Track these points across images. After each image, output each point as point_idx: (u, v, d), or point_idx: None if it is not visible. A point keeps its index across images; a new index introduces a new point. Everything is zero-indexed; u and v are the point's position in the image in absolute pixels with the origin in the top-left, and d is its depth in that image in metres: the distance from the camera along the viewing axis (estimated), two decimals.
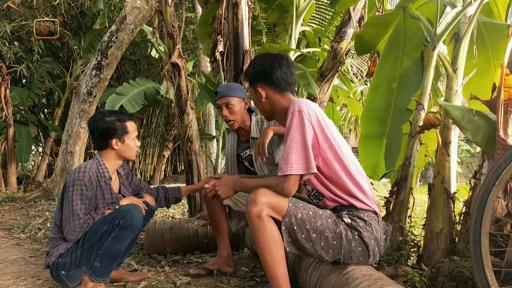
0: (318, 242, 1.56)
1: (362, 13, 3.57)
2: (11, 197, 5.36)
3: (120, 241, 1.97)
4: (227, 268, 2.33)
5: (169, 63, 3.38)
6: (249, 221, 1.55)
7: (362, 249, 1.57)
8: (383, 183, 9.57)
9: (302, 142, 1.54)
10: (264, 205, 1.52)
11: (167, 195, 2.39)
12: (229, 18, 3.23)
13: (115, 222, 1.93)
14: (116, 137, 2.07)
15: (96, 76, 5.70)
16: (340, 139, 1.66)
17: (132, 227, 1.96)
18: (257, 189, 1.57)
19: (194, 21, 8.23)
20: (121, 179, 2.25)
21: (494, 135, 2.01)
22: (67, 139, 5.78)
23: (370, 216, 1.61)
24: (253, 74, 1.77)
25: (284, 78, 1.73)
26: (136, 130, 2.18)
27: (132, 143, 2.13)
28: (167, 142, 8.66)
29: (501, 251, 1.93)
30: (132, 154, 2.15)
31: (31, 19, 6.84)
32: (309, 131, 1.55)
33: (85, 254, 1.95)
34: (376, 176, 2.83)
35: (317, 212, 1.59)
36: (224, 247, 2.37)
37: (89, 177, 1.99)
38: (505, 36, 2.49)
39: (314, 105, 1.64)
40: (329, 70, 3.50)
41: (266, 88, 1.74)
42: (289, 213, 1.55)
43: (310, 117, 1.57)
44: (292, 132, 1.56)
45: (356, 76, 8.21)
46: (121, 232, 1.94)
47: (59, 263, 1.96)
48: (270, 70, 1.72)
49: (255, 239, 1.56)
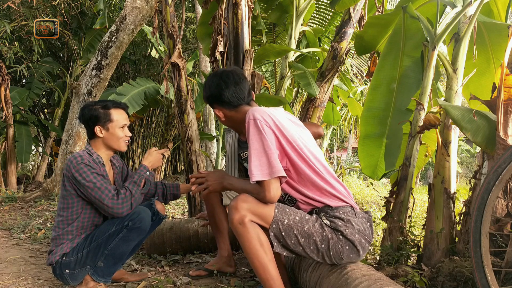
0: (307, 246, 1.58)
1: (362, 13, 3.57)
2: (11, 197, 5.36)
3: (126, 243, 1.97)
4: (228, 268, 2.33)
5: (169, 63, 3.38)
6: (233, 229, 1.56)
7: (349, 247, 1.58)
8: (383, 183, 9.57)
9: (260, 148, 1.55)
10: (245, 211, 1.53)
11: (165, 191, 2.38)
12: (229, 18, 3.22)
13: (124, 223, 1.94)
14: (99, 124, 2.05)
15: (96, 76, 5.70)
16: (303, 139, 1.67)
17: (140, 229, 1.97)
18: (237, 196, 1.58)
19: (194, 21, 8.22)
20: (116, 170, 2.23)
21: (494, 135, 2.01)
22: (67, 139, 5.78)
23: (346, 212, 1.62)
24: (207, 98, 1.84)
25: (234, 95, 1.75)
26: (126, 119, 2.13)
27: (118, 132, 2.08)
28: (167, 142, 8.65)
29: (501, 251, 1.93)
30: (119, 144, 2.10)
31: (31, 19, 6.84)
32: (268, 136, 1.55)
33: (91, 253, 1.95)
34: (375, 176, 2.83)
35: (304, 217, 1.60)
36: (224, 247, 2.37)
37: (88, 159, 1.99)
38: (505, 36, 2.49)
39: (270, 111, 1.65)
40: (329, 70, 3.50)
41: (221, 108, 1.80)
42: (275, 219, 1.56)
43: (267, 122, 1.58)
44: (250, 140, 1.57)
45: (356, 76, 8.20)
46: (128, 234, 1.95)
47: (64, 262, 1.96)
48: (218, 92, 1.76)
49: (241, 245, 1.57)
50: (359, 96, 7.93)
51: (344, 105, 8.89)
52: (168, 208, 5.08)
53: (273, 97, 3.43)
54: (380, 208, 5.20)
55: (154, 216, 2.16)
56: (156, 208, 2.18)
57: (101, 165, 2.05)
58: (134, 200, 1.99)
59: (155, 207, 2.17)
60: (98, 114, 2.06)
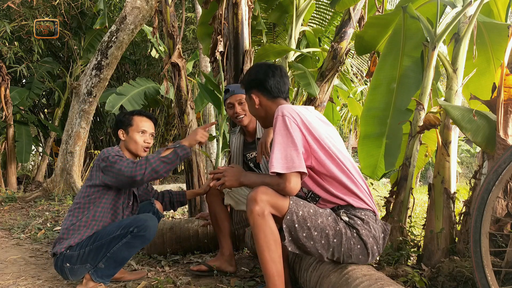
0: (319, 240, 1.57)
1: (362, 13, 3.57)
2: (11, 197, 5.36)
3: (129, 249, 1.97)
4: (228, 267, 2.33)
5: (169, 63, 3.38)
6: (250, 219, 1.56)
7: (360, 247, 1.58)
8: (383, 183, 9.57)
9: (284, 143, 1.57)
10: (265, 203, 1.54)
11: (172, 199, 2.48)
12: (229, 18, 3.22)
13: (129, 229, 1.95)
14: (122, 128, 2.20)
15: (96, 76, 5.70)
16: (332, 138, 1.68)
17: (145, 238, 1.97)
18: (257, 188, 1.59)
19: (194, 21, 8.23)
20: None
21: (494, 135, 2.01)
22: (67, 139, 5.78)
23: (367, 215, 1.62)
24: (248, 82, 1.86)
25: (276, 86, 1.80)
26: (147, 127, 2.22)
27: (137, 137, 2.18)
28: (167, 142, 8.66)
29: (501, 251, 1.93)
30: (137, 148, 2.19)
31: (31, 19, 6.85)
32: (295, 133, 1.57)
33: (93, 252, 1.96)
34: (375, 176, 2.83)
35: (318, 210, 1.60)
36: (226, 246, 2.37)
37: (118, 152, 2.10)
38: (505, 36, 2.49)
39: (299, 109, 1.67)
40: (329, 70, 3.49)
41: (259, 95, 1.82)
42: (290, 210, 1.57)
43: (295, 120, 1.60)
44: (276, 135, 1.60)
45: (356, 76, 8.21)
46: (132, 240, 1.95)
47: (67, 254, 1.97)
48: (264, 78, 1.79)
49: (255, 236, 1.57)
50: (359, 96, 7.94)
51: (344, 105, 8.90)
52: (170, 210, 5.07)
53: None
54: (380, 208, 5.20)
55: (154, 214, 2.23)
56: (156, 207, 2.28)
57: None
58: (149, 164, 1.96)
59: (155, 206, 2.27)
60: (122, 119, 2.22)
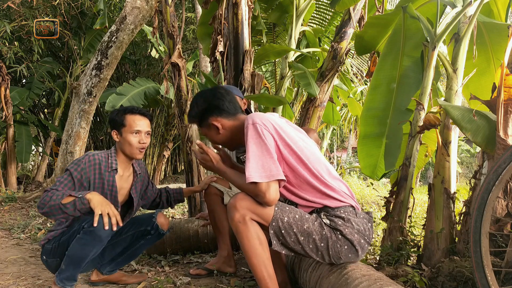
0: (307, 245, 1.58)
1: (362, 13, 3.57)
2: (11, 197, 5.36)
3: (81, 246, 1.81)
4: (228, 268, 2.33)
5: (169, 63, 3.38)
6: (233, 227, 1.57)
7: (348, 246, 1.59)
8: (383, 183, 9.57)
9: (259, 151, 1.54)
10: (245, 209, 1.54)
11: (169, 198, 2.39)
12: (229, 18, 3.22)
13: (82, 224, 1.82)
14: (115, 129, 2.04)
15: (96, 76, 5.70)
16: (302, 142, 1.66)
17: (94, 234, 1.77)
18: (236, 194, 1.59)
19: (194, 21, 8.22)
20: (136, 178, 2.15)
21: (494, 135, 2.01)
22: (67, 139, 5.78)
23: (347, 211, 1.62)
24: (202, 112, 1.76)
25: (231, 103, 1.76)
26: (140, 125, 2.04)
27: (131, 138, 2.01)
28: (167, 142, 8.66)
29: (501, 251, 1.93)
30: (132, 151, 2.03)
31: (31, 19, 6.84)
32: (268, 140, 1.55)
33: (60, 247, 1.90)
34: (375, 176, 2.83)
35: (304, 216, 1.60)
36: (225, 247, 2.37)
37: (88, 161, 1.94)
38: (505, 36, 2.49)
39: (268, 116, 1.65)
40: (329, 70, 3.50)
41: (219, 119, 1.74)
42: (276, 217, 1.57)
43: (267, 127, 1.58)
44: (248, 143, 1.56)
45: (356, 76, 8.20)
46: (84, 236, 1.80)
47: (45, 248, 1.95)
48: (217, 102, 1.74)
49: (240, 243, 1.58)
50: (359, 96, 7.94)
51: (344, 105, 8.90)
52: (168, 208, 5.07)
53: (273, 97, 3.43)
54: (380, 208, 5.20)
55: (152, 230, 2.10)
56: (156, 222, 2.10)
57: (110, 170, 2.00)
58: (48, 205, 1.77)
59: (155, 221, 2.10)
60: (114, 119, 2.04)
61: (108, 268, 2.19)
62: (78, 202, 1.78)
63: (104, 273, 2.19)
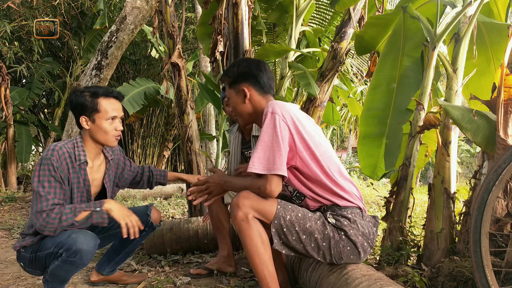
0: (308, 243, 1.58)
1: (362, 13, 3.57)
2: (11, 197, 5.36)
3: (64, 272, 1.70)
4: (228, 268, 2.33)
5: (169, 63, 3.38)
6: (235, 225, 1.56)
7: (350, 247, 1.58)
8: (383, 183, 9.56)
9: (269, 142, 1.54)
10: (248, 208, 1.54)
11: (151, 179, 2.22)
12: (229, 18, 3.22)
13: (59, 251, 1.65)
14: (85, 115, 1.80)
15: (96, 76, 5.70)
16: (318, 138, 1.66)
17: (76, 263, 1.66)
18: (239, 193, 1.59)
19: (194, 21, 8.22)
20: (108, 165, 1.98)
21: (494, 135, 2.01)
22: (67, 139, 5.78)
23: (354, 213, 1.62)
24: (238, 74, 1.75)
25: (268, 82, 1.75)
26: (116, 111, 1.85)
27: (106, 125, 1.81)
28: (167, 142, 8.65)
29: (501, 251, 1.93)
30: (107, 139, 1.84)
31: (31, 19, 6.84)
32: (282, 132, 1.55)
33: (37, 261, 1.75)
34: (375, 176, 2.83)
35: (306, 214, 1.60)
36: (225, 246, 2.37)
37: (58, 156, 1.74)
38: (505, 36, 2.49)
39: (290, 106, 1.64)
40: (329, 70, 3.49)
41: (251, 88, 1.73)
42: (278, 215, 1.56)
43: (285, 118, 1.57)
44: (262, 132, 1.57)
45: (356, 76, 8.21)
46: (63, 265, 1.66)
47: (21, 254, 1.79)
48: (257, 72, 1.73)
49: (242, 241, 1.57)
50: (359, 96, 7.93)
51: (344, 105, 8.90)
52: (168, 208, 5.08)
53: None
54: (380, 208, 5.20)
55: (147, 227, 2.05)
56: (150, 220, 2.05)
57: (80, 163, 1.82)
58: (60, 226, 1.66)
59: (150, 220, 2.04)
60: (84, 102, 1.79)
61: (107, 269, 2.18)
62: (96, 216, 1.69)
63: (104, 274, 2.18)
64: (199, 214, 3.41)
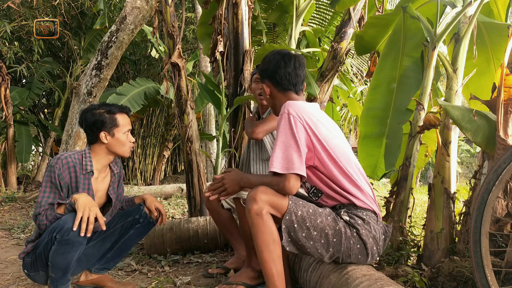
0: (319, 240, 1.57)
1: (362, 13, 3.57)
2: (11, 197, 5.36)
3: (62, 256, 1.75)
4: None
5: (169, 63, 3.38)
6: (249, 218, 1.56)
7: (360, 246, 1.58)
8: (383, 183, 9.57)
9: (287, 142, 1.56)
10: (264, 203, 1.54)
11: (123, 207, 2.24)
12: (229, 18, 3.22)
13: (53, 235, 1.74)
14: (104, 130, 1.95)
15: (96, 76, 5.70)
16: (336, 139, 1.66)
17: (71, 241, 1.71)
18: (256, 187, 1.58)
19: (194, 21, 8.22)
20: (113, 178, 2.09)
21: (494, 135, 2.01)
22: (67, 139, 5.78)
23: (368, 215, 1.62)
24: (261, 71, 1.84)
25: (287, 78, 1.75)
26: (129, 124, 2.06)
27: (123, 138, 1.99)
28: (167, 142, 8.66)
29: (501, 251, 1.93)
30: (124, 150, 2.01)
31: (31, 19, 6.84)
32: (299, 133, 1.56)
33: (38, 260, 1.82)
34: (375, 176, 2.83)
35: (317, 210, 1.60)
36: (240, 247, 2.36)
37: (61, 165, 1.86)
38: (505, 36, 2.49)
39: (306, 106, 1.65)
40: (329, 70, 3.49)
41: (270, 85, 1.80)
42: (289, 210, 1.56)
43: (301, 119, 1.58)
44: (279, 132, 1.59)
45: (356, 76, 8.21)
46: (59, 247, 1.73)
47: (25, 260, 1.87)
48: (274, 69, 1.76)
49: (253, 236, 1.57)
50: (359, 96, 7.94)
51: (344, 105, 8.91)
52: (168, 208, 5.08)
53: None
54: (380, 208, 5.20)
55: (141, 218, 2.06)
56: (144, 210, 2.07)
57: (85, 173, 1.92)
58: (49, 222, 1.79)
59: (143, 209, 2.07)
60: (103, 119, 1.95)
61: (97, 266, 2.10)
62: (68, 206, 1.79)
63: (93, 270, 2.10)
64: (199, 214, 3.41)
